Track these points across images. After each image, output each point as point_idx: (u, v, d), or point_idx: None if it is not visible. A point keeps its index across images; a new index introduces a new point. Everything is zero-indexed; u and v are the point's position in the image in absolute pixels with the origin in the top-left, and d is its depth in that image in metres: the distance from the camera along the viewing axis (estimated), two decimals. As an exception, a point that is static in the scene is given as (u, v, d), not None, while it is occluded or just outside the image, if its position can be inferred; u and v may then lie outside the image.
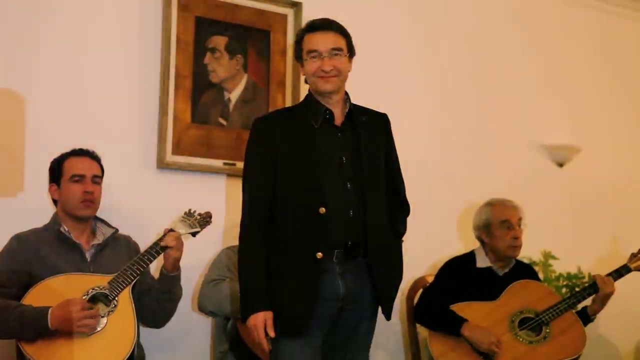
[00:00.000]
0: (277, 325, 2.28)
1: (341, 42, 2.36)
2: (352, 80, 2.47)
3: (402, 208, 2.51)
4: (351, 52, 2.40)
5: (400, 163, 2.56)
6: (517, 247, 3.17)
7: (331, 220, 2.28)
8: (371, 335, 2.46)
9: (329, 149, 2.34)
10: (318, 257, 2.26)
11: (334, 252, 2.29)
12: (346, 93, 2.44)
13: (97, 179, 2.72)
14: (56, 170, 2.69)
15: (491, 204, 3.24)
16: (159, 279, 2.73)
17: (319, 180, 2.29)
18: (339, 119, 2.39)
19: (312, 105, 2.40)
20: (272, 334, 2.25)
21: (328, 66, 2.32)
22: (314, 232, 2.27)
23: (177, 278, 2.74)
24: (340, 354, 2.38)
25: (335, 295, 2.30)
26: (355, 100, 2.49)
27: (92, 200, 2.68)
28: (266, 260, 2.31)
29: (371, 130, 2.42)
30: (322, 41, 2.34)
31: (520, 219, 3.20)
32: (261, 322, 2.25)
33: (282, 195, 2.32)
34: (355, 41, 2.44)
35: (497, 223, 3.16)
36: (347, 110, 2.40)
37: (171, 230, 2.71)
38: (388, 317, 2.44)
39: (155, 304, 2.71)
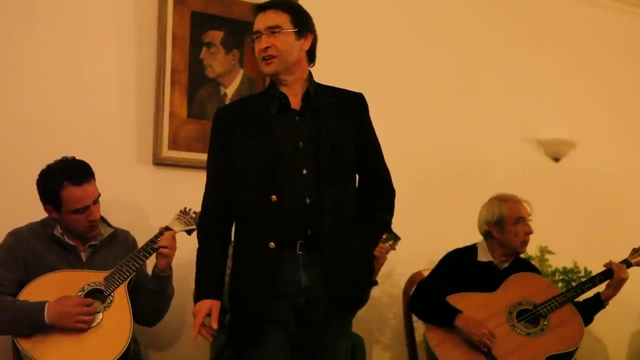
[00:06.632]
0: (238, 318, 2.24)
1: (280, 19, 2.24)
2: (348, 70, 2.44)
3: (382, 191, 2.38)
4: (300, 27, 2.27)
5: (396, 158, 2.52)
6: (527, 242, 3.19)
7: (285, 208, 2.19)
8: (346, 333, 2.33)
9: (285, 134, 2.25)
10: (271, 247, 2.18)
11: (296, 242, 2.21)
12: (310, 74, 2.34)
13: (97, 198, 2.66)
14: (52, 198, 2.58)
15: (503, 200, 3.21)
16: (151, 278, 2.71)
17: (271, 167, 2.21)
18: (296, 103, 2.29)
19: (270, 91, 2.32)
20: (214, 325, 2.19)
21: (265, 43, 2.23)
22: (267, 221, 2.19)
23: (169, 278, 2.72)
24: (317, 350, 2.26)
25: (296, 287, 2.21)
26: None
27: (96, 224, 2.67)
28: (222, 251, 2.28)
29: (338, 112, 2.30)
30: (261, 19, 2.26)
31: (530, 214, 3.21)
32: (204, 310, 2.20)
33: (239, 184, 2.25)
34: (348, 31, 2.37)
35: (512, 219, 3.15)
36: (303, 92, 2.30)
37: (166, 228, 2.71)
38: (349, 313, 2.33)
39: (148, 303, 2.69)
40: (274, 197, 2.19)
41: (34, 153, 2.87)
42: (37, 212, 2.67)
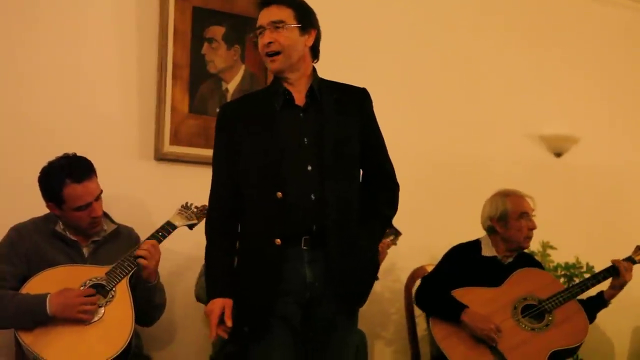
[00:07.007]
0: (242, 315, 2.21)
1: (284, 14, 2.23)
2: (349, 66, 2.43)
3: (386, 186, 2.37)
4: (304, 23, 2.25)
5: (398, 154, 2.51)
6: (531, 238, 3.19)
7: (291, 205, 2.18)
8: (351, 329, 2.31)
9: (290, 131, 2.24)
10: (277, 243, 2.17)
11: (300, 238, 2.19)
12: (314, 70, 2.33)
13: (99, 195, 2.64)
14: (54, 195, 2.57)
15: (506, 195, 3.21)
16: (138, 286, 2.64)
17: (276, 164, 2.19)
18: (300, 99, 2.28)
19: (274, 87, 2.31)
20: (229, 323, 2.17)
21: (268, 38, 2.22)
22: (272, 218, 2.18)
23: (154, 289, 2.66)
24: (322, 346, 2.24)
25: (300, 283, 2.20)
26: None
27: (99, 220, 2.65)
28: (229, 248, 2.26)
29: (342, 108, 2.29)
30: (264, 14, 2.25)
31: (533, 209, 3.21)
32: (218, 309, 2.19)
33: (244, 182, 2.24)
34: (350, 27, 2.36)
35: (516, 215, 3.15)
36: (307, 88, 2.28)
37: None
38: (353, 309, 2.30)
39: (140, 306, 2.62)
40: (279, 194, 2.18)
41: (35, 149, 2.86)
42: (39, 209, 2.67)
